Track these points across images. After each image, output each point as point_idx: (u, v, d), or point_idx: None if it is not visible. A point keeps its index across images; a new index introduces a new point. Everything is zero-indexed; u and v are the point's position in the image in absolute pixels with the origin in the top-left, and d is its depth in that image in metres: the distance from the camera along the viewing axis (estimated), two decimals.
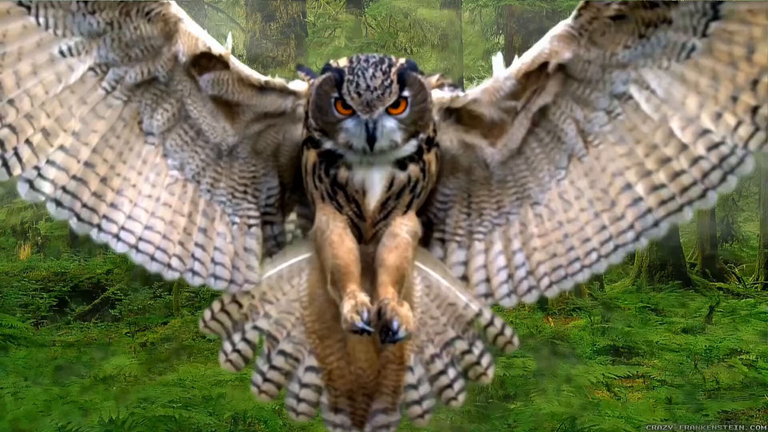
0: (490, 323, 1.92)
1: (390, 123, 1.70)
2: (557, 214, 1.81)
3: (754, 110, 1.56)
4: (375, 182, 1.77)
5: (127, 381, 5.87)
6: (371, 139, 1.69)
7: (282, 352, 1.88)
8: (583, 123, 1.75)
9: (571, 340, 7.67)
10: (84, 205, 1.71)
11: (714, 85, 1.58)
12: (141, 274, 9.33)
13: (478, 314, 1.90)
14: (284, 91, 1.82)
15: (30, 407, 4.84)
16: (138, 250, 1.77)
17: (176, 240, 1.79)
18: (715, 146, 1.62)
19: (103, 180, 1.72)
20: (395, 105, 1.70)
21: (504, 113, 1.80)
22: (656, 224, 1.75)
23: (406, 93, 1.70)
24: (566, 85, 1.74)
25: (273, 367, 1.88)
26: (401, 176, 1.77)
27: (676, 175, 1.67)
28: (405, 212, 1.83)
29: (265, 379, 1.88)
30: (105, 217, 1.73)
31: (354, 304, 1.69)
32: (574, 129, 1.76)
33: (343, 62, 1.73)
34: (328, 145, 1.76)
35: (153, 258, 1.79)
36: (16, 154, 1.62)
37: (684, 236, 14.60)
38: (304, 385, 1.88)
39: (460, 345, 1.91)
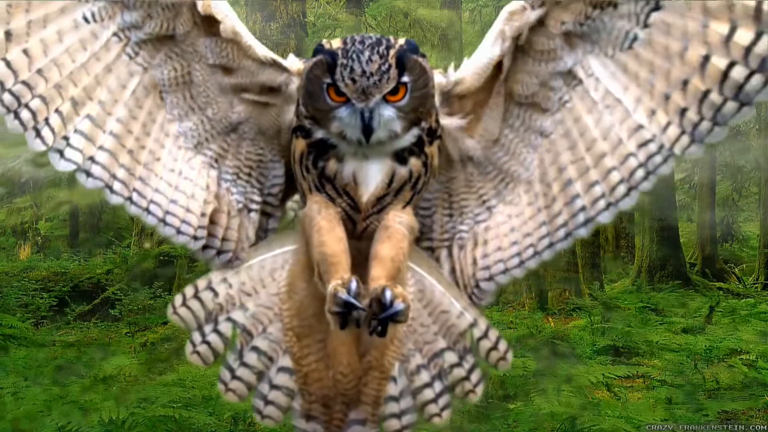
0: (485, 335, 1.76)
1: (388, 111, 1.58)
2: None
3: (683, 112, 1.57)
4: (370, 175, 1.65)
5: (127, 381, 5.87)
6: (367, 129, 1.57)
7: (255, 349, 1.75)
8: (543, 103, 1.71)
9: (571, 340, 7.67)
10: (114, 177, 1.65)
11: (651, 79, 1.59)
12: (141, 275, 9.33)
13: (473, 324, 1.76)
14: (276, 65, 1.73)
15: (30, 407, 4.84)
16: (165, 223, 1.72)
17: (198, 213, 1.74)
18: (645, 143, 1.63)
19: (130, 152, 1.67)
20: (394, 92, 1.57)
21: (487, 94, 1.73)
22: (585, 223, 1.74)
23: (405, 78, 1.57)
24: (523, 62, 1.69)
25: (244, 365, 1.75)
26: (402, 171, 1.66)
27: (608, 171, 1.67)
28: (401, 207, 1.71)
29: (234, 377, 1.74)
30: (136, 190, 1.68)
31: (341, 281, 1.55)
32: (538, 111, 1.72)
33: (336, 43, 1.60)
34: (319, 134, 1.64)
35: (179, 231, 1.73)
36: (48, 124, 1.58)
37: (684, 236, 14.60)
38: (274, 387, 1.75)
39: (450, 357, 1.76)
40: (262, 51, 1.72)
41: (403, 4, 12.17)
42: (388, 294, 1.51)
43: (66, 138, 1.60)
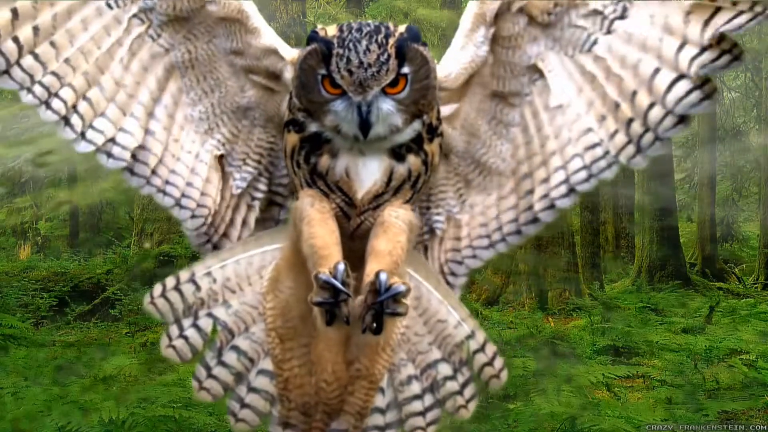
0: (481, 349, 1.67)
1: (386, 105, 1.51)
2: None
3: (630, 122, 1.58)
4: (366, 171, 1.58)
5: (127, 381, 5.87)
6: (365, 124, 1.49)
7: (236, 349, 1.66)
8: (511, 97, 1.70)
9: (571, 340, 7.67)
10: (134, 157, 1.66)
11: (605, 85, 1.59)
12: (141, 275, 9.33)
13: (470, 336, 1.67)
14: (275, 52, 1.68)
15: (30, 407, 4.84)
16: (181, 206, 1.71)
17: (214, 196, 1.73)
18: (591, 147, 1.63)
19: (152, 133, 1.67)
20: (393, 83, 1.49)
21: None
22: (534, 220, 1.71)
23: (405, 69, 1.49)
24: (496, 53, 1.68)
25: (222, 364, 1.65)
26: (401, 169, 1.59)
27: (555, 170, 1.67)
28: (399, 203, 1.63)
29: (210, 375, 1.65)
30: (155, 172, 1.68)
31: (330, 266, 1.46)
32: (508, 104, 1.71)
33: (332, 31, 1.51)
34: (313, 127, 1.56)
35: (194, 215, 1.72)
36: (77, 111, 1.60)
37: (684, 236, 14.60)
38: (252, 390, 1.66)
39: (444, 369, 1.67)
40: (267, 36, 1.68)
41: (403, 4, 12.18)
42: (383, 276, 1.42)
43: (91, 123, 1.63)
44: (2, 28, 1.51)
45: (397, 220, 1.59)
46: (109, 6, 1.61)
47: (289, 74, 1.67)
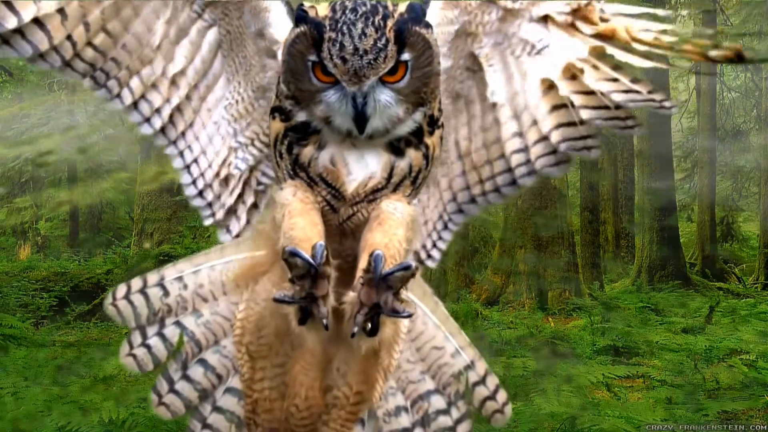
0: (482, 381, 1.54)
1: (384, 96, 1.36)
2: None
3: (547, 135, 1.55)
4: (359, 164, 1.43)
5: (127, 381, 5.86)
6: (360, 117, 1.35)
7: (203, 363, 1.51)
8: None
9: (571, 340, 7.67)
10: (170, 120, 1.62)
11: (543, 92, 1.55)
12: (141, 275, 9.33)
13: (469, 367, 1.54)
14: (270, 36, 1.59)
15: (30, 407, 4.83)
16: (188, 172, 1.66)
17: (217, 171, 1.68)
18: (517, 151, 1.59)
19: (190, 102, 1.64)
20: (391, 72, 1.35)
21: None
22: (472, 200, 1.68)
23: (406, 55, 1.34)
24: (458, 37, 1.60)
25: (186, 378, 1.51)
26: (401, 165, 1.44)
27: (484, 163, 1.63)
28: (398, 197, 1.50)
29: (172, 390, 1.51)
30: (183, 136, 1.64)
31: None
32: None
33: (323, 10, 1.35)
34: (301, 116, 1.43)
35: (195, 185, 1.67)
36: (129, 88, 1.58)
37: (684, 236, 14.60)
38: (217, 409, 1.51)
39: (437, 402, 1.52)
40: (275, 13, 1.59)
41: None
42: (378, 254, 1.26)
43: (143, 95, 1.60)
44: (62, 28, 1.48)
45: (395, 212, 1.44)
46: None
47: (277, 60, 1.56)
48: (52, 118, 11.94)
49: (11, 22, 1.42)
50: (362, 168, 1.44)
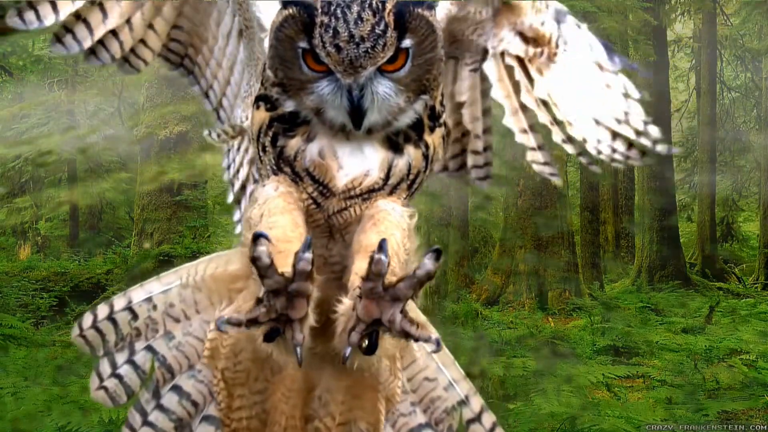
0: (476, 419, 1.43)
1: (383, 87, 1.23)
2: None
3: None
4: (353, 158, 1.28)
5: None
6: (357, 111, 1.22)
7: (177, 390, 1.37)
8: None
9: (571, 340, 7.67)
10: (210, 87, 1.59)
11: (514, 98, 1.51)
12: (141, 275, 9.34)
13: (463, 402, 1.42)
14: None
15: (30, 407, 4.83)
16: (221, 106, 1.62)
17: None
18: (477, 152, 1.56)
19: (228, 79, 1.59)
20: (391, 60, 1.21)
21: None
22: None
23: (407, 42, 1.21)
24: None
25: (160, 408, 1.37)
26: (400, 164, 1.29)
27: (461, 152, 1.58)
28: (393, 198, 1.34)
29: (146, 423, 1.38)
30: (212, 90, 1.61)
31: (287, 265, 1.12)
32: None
33: None
34: (289, 106, 1.28)
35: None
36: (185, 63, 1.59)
37: (684, 236, 14.60)
38: None
39: None
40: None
41: None
42: (380, 257, 1.08)
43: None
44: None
45: (393, 212, 1.28)
46: None
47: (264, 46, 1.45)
48: (52, 118, 11.95)
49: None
50: (357, 163, 1.29)
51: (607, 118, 1.45)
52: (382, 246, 1.09)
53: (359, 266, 1.18)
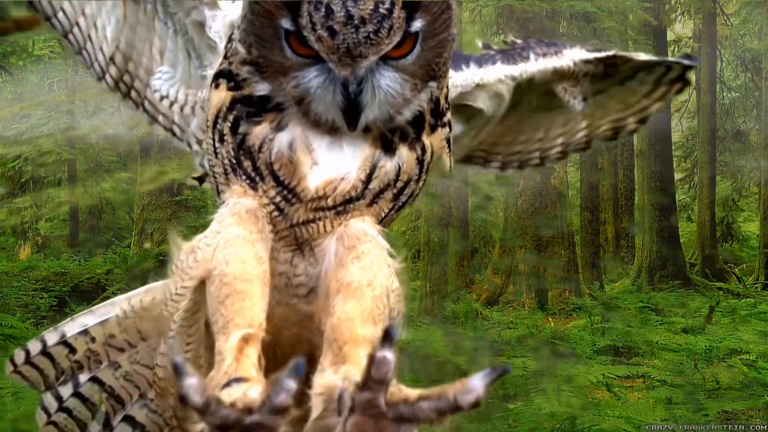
0: None
1: (387, 80, 1.02)
2: None
3: None
4: (331, 155, 1.06)
5: None
6: (353, 109, 1.01)
7: (130, 421, 1.27)
8: None
9: (571, 340, 7.67)
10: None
11: None
12: (141, 275, 9.33)
13: None
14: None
15: (30, 407, 4.83)
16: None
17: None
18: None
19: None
20: (397, 45, 1.00)
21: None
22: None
23: (417, 24, 0.99)
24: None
25: None
26: (387, 166, 1.06)
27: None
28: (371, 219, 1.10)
29: None
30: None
31: (241, 344, 0.90)
32: None
33: None
34: (261, 88, 1.06)
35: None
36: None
37: (684, 236, 14.60)
38: None
39: None
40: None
41: None
42: (383, 356, 0.78)
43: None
44: None
45: (376, 240, 1.06)
46: None
47: (216, 23, 1.24)
48: (52, 118, 11.94)
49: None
50: (333, 161, 1.06)
51: None
52: (387, 336, 0.77)
53: (348, 308, 0.97)
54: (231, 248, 1.02)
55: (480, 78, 1.30)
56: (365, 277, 1.00)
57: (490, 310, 9.55)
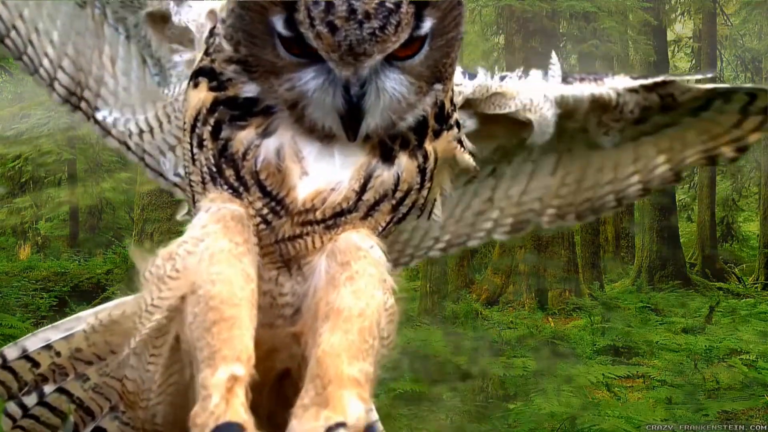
0: None
1: (392, 82, 0.94)
2: None
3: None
4: (322, 163, 0.98)
5: None
6: (354, 115, 0.93)
7: None
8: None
9: (571, 340, 7.67)
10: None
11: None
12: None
13: None
14: None
15: None
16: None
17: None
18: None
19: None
20: (405, 44, 0.92)
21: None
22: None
23: (427, 22, 0.91)
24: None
25: None
26: (384, 175, 0.99)
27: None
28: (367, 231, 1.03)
29: None
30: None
31: (229, 382, 0.86)
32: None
33: None
34: (248, 90, 0.97)
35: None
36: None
37: (684, 236, 14.60)
38: None
39: None
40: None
41: None
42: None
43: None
44: None
45: (370, 255, 0.98)
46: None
47: (179, 16, 1.15)
48: (52, 118, 11.94)
49: None
50: (324, 170, 0.98)
51: None
52: None
53: (333, 341, 0.91)
54: (217, 266, 0.94)
55: (520, 88, 1.22)
56: (357, 305, 0.93)
57: (490, 310, 9.55)
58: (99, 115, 1.32)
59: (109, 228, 14.66)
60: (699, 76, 1.29)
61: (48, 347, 1.22)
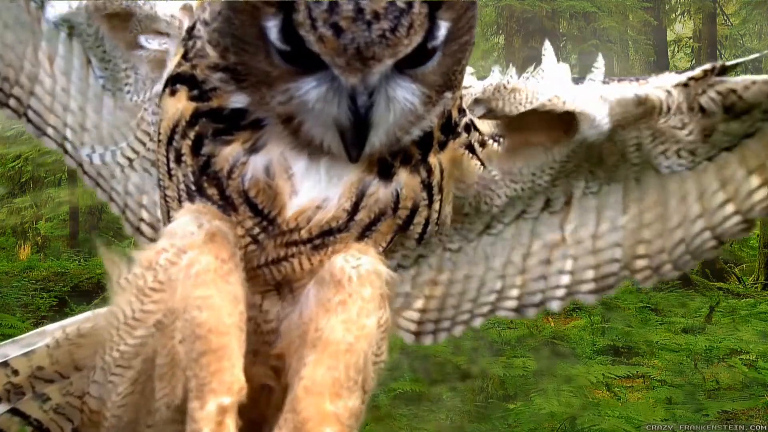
0: None
1: (403, 91, 0.84)
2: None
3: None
4: (309, 178, 0.89)
5: None
6: (360, 130, 0.82)
7: None
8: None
9: (571, 340, 7.67)
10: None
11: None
12: None
13: None
14: None
15: None
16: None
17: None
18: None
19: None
20: (418, 50, 0.83)
21: None
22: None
23: (443, 25, 0.82)
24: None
25: None
26: (380, 192, 0.90)
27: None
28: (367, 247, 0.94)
29: None
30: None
31: (221, 411, 0.81)
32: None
33: None
34: (237, 101, 0.88)
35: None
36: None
37: None
38: None
39: None
40: None
41: None
42: None
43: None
44: None
45: (367, 275, 0.89)
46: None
47: (165, 8, 1.05)
48: None
49: None
50: (311, 186, 0.89)
51: None
52: None
53: (316, 376, 0.84)
54: (203, 288, 0.85)
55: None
56: (345, 339, 0.85)
57: None
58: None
59: (109, 228, 14.67)
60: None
61: (4, 364, 1.14)
